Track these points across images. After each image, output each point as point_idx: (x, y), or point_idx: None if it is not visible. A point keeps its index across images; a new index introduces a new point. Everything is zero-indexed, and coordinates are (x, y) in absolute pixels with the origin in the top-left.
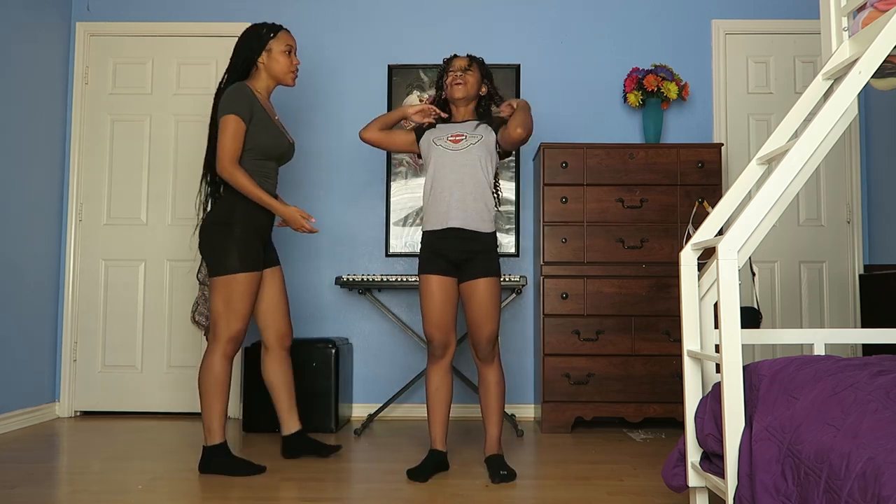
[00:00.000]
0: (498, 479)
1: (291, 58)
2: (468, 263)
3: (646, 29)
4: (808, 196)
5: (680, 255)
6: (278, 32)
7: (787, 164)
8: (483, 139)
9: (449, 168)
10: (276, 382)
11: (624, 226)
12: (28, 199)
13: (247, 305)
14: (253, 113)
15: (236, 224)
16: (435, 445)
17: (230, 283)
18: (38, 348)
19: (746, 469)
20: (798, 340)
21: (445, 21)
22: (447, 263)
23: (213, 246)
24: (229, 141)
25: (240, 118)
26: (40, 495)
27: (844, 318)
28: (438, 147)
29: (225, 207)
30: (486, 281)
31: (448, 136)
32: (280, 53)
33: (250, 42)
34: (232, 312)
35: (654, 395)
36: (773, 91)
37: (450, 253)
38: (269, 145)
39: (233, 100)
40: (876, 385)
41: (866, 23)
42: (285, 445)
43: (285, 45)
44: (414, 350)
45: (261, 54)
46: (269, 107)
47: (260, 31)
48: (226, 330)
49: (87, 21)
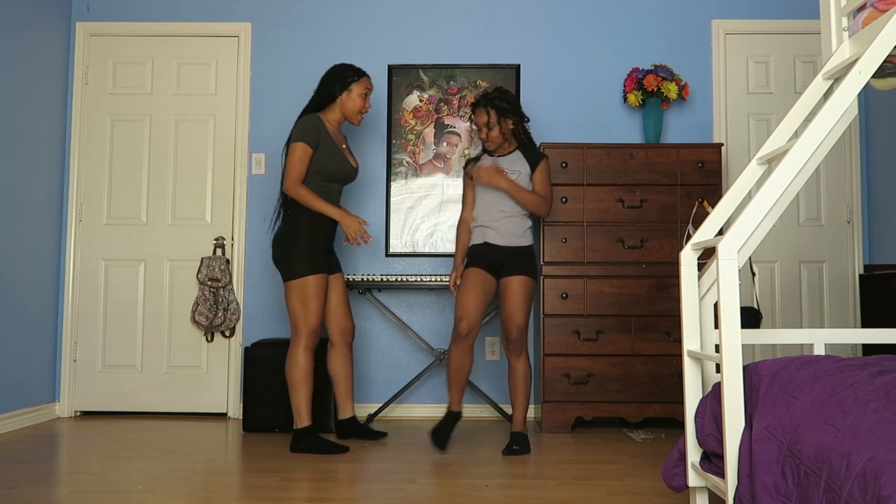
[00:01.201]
0: (507, 451)
1: (365, 101)
2: (508, 264)
3: (646, 29)
4: (808, 196)
5: (680, 255)
6: (361, 77)
7: (787, 164)
8: (522, 174)
9: (493, 202)
10: (338, 373)
11: (624, 226)
12: (28, 199)
13: (319, 303)
14: (320, 141)
15: (301, 235)
16: (452, 407)
17: (302, 285)
18: (38, 348)
19: (746, 469)
20: (798, 340)
21: (445, 21)
22: (489, 264)
23: (284, 255)
24: (295, 164)
25: (307, 145)
26: (40, 495)
27: (844, 318)
28: (484, 185)
29: (292, 222)
30: (521, 279)
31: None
32: (358, 95)
33: (335, 81)
34: (307, 310)
35: (654, 395)
36: (773, 91)
37: (493, 256)
38: (333, 169)
39: (304, 130)
40: (876, 385)
41: (866, 23)
42: (338, 428)
43: (364, 89)
44: (414, 350)
45: (342, 93)
46: (339, 136)
47: (346, 73)
48: (304, 326)
49: (87, 21)
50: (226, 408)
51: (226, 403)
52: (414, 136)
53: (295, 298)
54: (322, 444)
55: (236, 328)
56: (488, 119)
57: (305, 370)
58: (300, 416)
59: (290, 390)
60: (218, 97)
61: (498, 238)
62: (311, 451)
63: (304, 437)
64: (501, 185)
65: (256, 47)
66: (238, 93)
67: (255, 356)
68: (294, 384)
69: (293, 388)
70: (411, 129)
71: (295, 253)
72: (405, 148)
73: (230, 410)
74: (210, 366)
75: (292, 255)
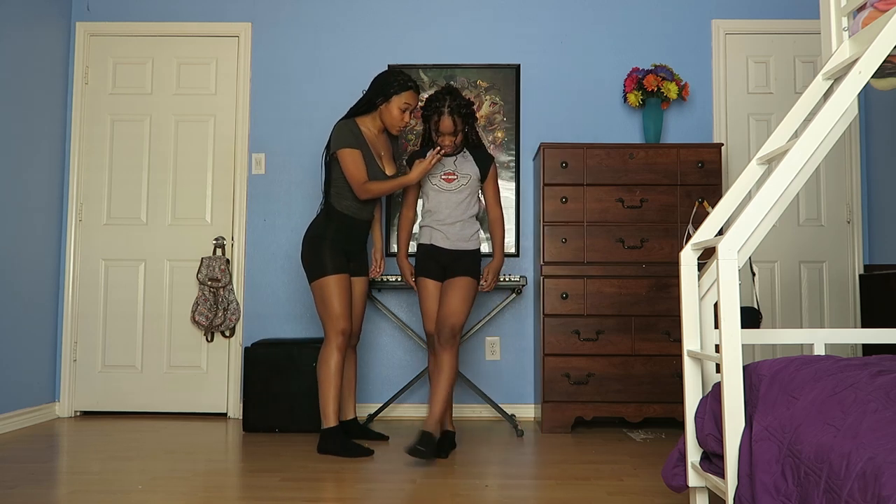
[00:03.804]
0: (412, 451)
1: (405, 115)
2: (453, 265)
3: (646, 29)
4: (808, 196)
5: (680, 255)
6: (403, 91)
7: (787, 164)
8: (471, 178)
9: (444, 205)
10: (343, 374)
11: (624, 226)
12: (28, 200)
13: (341, 302)
14: (358, 145)
15: (322, 238)
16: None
17: (321, 286)
18: (38, 348)
19: (746, 469)
20: (798, 340)
21: (445, 21)
22: (436, 268)
23: (306, 257)
24: (353, 170)
25: (352, 149)
26: (40, 495)
27: (844, 318)
28: (433, 185)
29: (315, 225)
30: (463, 279)
31: (441, 175)
32: (396, 108)
33: (379, 89)
34: (329, 310)
35: (654, 395)
36: (773, 91)
37: (440, 258)
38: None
39: (342, 136)
40: (876, 385)
41: (866, 23)
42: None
43: (404, 104)
44: (414, 350)
45: (382, 104)
46: (378, 141)
47: (391, 82)
48: (330, 326)
49: (87, 21)
50: (226, 408)
51: (226, 403)
52: (414, 137)
53: (317, 299)
54: (347, 447)
55: (236, 328)
56: (455, 128)
57: (333, 369)
58: (326, 416)
59: (319, 389)
60: (218, 97)
61: (445, 242)
62: (335, 452)
63: (328, 438)
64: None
65: (256, 47)
66: (238, 93)
67: (255, 356)
68: (320, 382)
69: (320, 387)
70: (411, 129)
71: (315, 255)
72: (405, 148)
73: (230, 410)
74: (210, 366)
75: (312, 257)
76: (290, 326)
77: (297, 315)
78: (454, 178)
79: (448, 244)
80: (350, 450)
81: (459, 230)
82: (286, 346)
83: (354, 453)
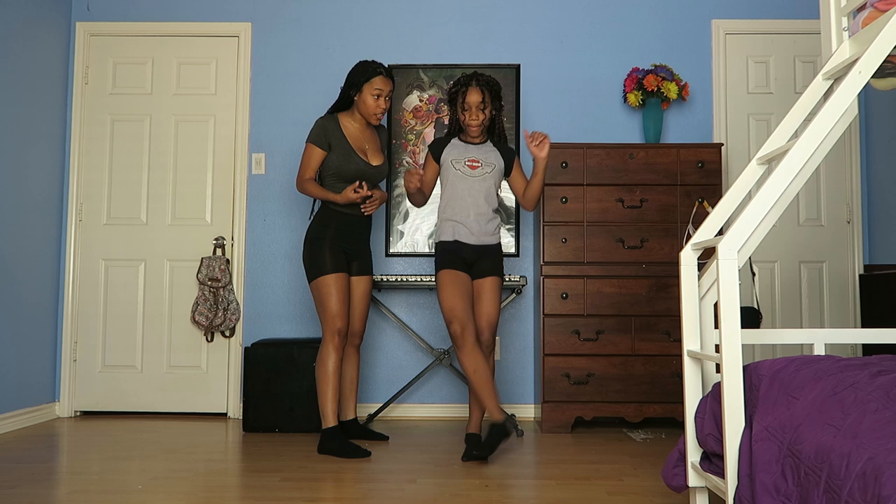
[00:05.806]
0: (471, 456)
1: (378, 102)
2: (479, 262)
3: (646, 29)
4: (808, 196)
5: (680, 255)
6: (372, 77)
7: (787, 164)
8: (496, 168)
9: (467, 192)
10: (343, 374)
11: (624, 226)
12: (28, 199)
13: (337, 302)
14: (331, 142)
15: (321, 238)
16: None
17: (318, 285)
18: (38, 348)
19: (746, 469)
20: (798, 340)
21: (445, 21)
22: (461, 262)
23: (305, 257)
24: (303, 163)
25: (313, 145)
26: (40, 495)
27: (844, 318)
28: (457, 171)
29: (315, 226)
30: (492, 280)
31: (466, 161)
32: (369, 95)
33: (350, 82)
34: (326, 310)
35: (654, 395)
36: (773, 91)
37: (464, 253)
38: (345, 170)
39: (312, 131)
40: (876, 385)
41: (866, 23)
42: (343, 428)
43: (375, 90)
44: (414, 350)
45: (355, 96)
46: (363, 135)
47: (359, 72)
48: (326, 326)
49: (87, 21)
50: (226, 408)
51: (226, 403)
52: (414, 136)
53: (315, 299)
54: (343, 447)
55: (236, 328)
56: (483, 97)
57: (330, 369)
58: (324, 416)
59: (318, 390)
60: (218, 97)
61: (469, 237)
62: (334, 453)
63: (328, 438)
64: (544, 159)
65: (256, 47)
66: (238, 93)
67: (255, 356)
68: (318, 382)
69: (318, 387)
70: (411, 129)
71: (314, 254)
72: (405, 148)
73: (230, 410)
74: (210, 366)
75: (312, 257)
76: (290, 326)
77: (297, 315)
78: (478, 165)
79: (473, 239)
80: (347, 450)
81: (484, 224)
82: (286, 346)
83: (352, 454)
